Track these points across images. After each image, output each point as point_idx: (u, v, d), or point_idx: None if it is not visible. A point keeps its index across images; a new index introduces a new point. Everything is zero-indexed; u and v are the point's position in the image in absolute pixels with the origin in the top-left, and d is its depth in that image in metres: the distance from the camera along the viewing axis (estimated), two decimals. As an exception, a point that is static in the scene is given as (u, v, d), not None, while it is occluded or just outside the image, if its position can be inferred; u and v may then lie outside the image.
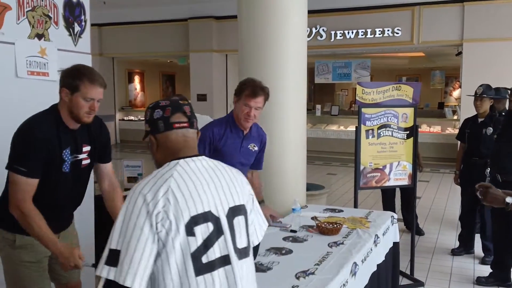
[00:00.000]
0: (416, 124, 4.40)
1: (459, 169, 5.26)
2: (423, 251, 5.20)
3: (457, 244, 5.25)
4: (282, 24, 4.00)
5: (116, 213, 2.26)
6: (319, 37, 11.88)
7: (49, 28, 3.53)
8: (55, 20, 3.59)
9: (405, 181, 4.44)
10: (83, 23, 3.90)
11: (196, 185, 1.49)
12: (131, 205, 1.44)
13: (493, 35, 10.09)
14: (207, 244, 1.46)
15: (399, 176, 4.40)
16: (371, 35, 11.44)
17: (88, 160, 2.58)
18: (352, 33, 11.61)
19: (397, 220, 3.69)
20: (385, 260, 3.33)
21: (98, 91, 2.39)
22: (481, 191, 2.51)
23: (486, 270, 4.53)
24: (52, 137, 2.37)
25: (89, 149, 2.57)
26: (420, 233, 5.74)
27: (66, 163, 2.45)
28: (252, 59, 4.10)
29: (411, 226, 4.75)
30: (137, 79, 17.31)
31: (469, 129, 5.06)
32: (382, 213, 3.83)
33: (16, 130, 2.38)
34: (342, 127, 13.02)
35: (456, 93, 17.73)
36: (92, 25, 4.11)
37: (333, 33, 11.80)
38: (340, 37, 11.78)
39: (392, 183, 4.42)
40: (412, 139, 4.39)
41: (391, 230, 3.55)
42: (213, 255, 1.47)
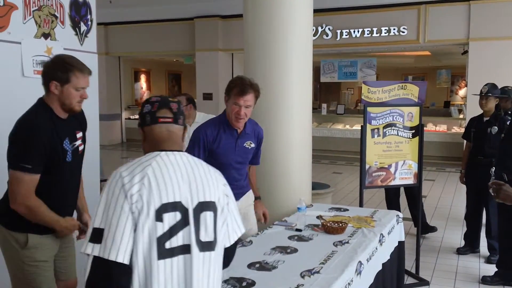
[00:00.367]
0: (421, 123, 4.40)
1: (464, 168, 5.25)
2: (429, 250, 5.19)
3: (463, 243, 5.24)
4: (287, 23, 4.00)
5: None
6: (325, 36, 11.86)
7: (55, 27, 3.55)
8: (61, 19, 3.61)
9: (410, 180, 4.44)
10: (89, 23, 3.92)
11: (171, 176, 1.60)
12: (112, 186, 1.56)
13: (499, 34, 10.04)
14: (172, 231, 1.57)
15: (405, 175, 4.40)
16: (377, 34, 11.41)
17: (82, 145, 2.65)
18: (358, 32, 11.58)
19: (405, 219, 3.68)
20: (390, 259, 3.33)
21: (87, 79, 2.49)
22: (494, 188, 2.57)
23: (491, 269, 4.52)
24: (51, 131, 2.41)
25: (81, 135, 2.65)
26: (432, 229, 5.72)
27: (68, 153, 2.50)
28: (257, 58, 4.10)
29: (418, 224, 4.75)
30: (143, 78, 17.35)
31: (475, 128, 5.05)
32: (387, 212, 3.83)
33: (13, 128, 2.40)
34: (347, 126, 13.00)
35: (462, 92, 17.65)
36: (98, 24, 4.13)
37: (339, 32, 11.77)
38: (346, 36, 11.75)
39: (397, 182, 4.42)
40: (417, 138, 4.38)
41: (396, 229, 3.55)
42: (175, 242, 1.57)
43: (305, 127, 4.22)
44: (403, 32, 11.15)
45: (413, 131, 4.37)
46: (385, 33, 11.32)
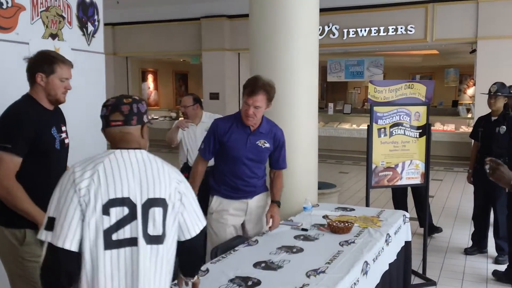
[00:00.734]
0: (429, 122, 4.38)
1: (472, 167, 5.21)
2: (436, 250, 5.17)
3: (470, 243, 5.21)
4: (293, 23, 3.99)
5: None
6: (331, 35, 11.83)
7: (62, 28, 3.58)
8: (69, 20, 3.64)
9: (417, 180, 4.42)
10: (96, 23, 3.95)
11: (121, 173, 1.70)
12: (65, 181, 1.69)
13: (508, 32, 9.96)
14: (119, 224, 1.68)
15: (412, 175, 4.38)
16: (384, 33, 11.37)
17: (67, 139, 2.72)
18: (365, 31, 11.55)
19: (412, 218, 3.66)
20: (397, 259, 3.32)
21: (70, 71, 2.62)
22: (490, 166, 2.42)
23: (499, 269, 4.49)
24: (38, 117, 2.51)
25: (65, 128, 2.72)
26: (437, 230, 5.70)
27: (56, 141, 2.58)
28: (262, 58, 4.09)
29: (425, 224, 4.73)
30: (150, 78, 17.42)
31: (483, 128, 5.01)
32: (394, 212, 3.82)
33: (1, 114, 2.48)
34: (354, 126, 12.97)
35: (470, 91, 17.54)
36: (106, 25, 4.15)
37: (345, 31, 11.74)
38: (352, 35, 11.72)
39: (404, 182, 4.40)
40: (424, 137, 4.36)
41: (403, 229, 3.53)
42: (122, 235, 1.68)
43: (311, 127, 4.21)
44: (411, 31, 11.10)
45: (420, 131, 4.35)
46: (392, 32, 11.27)
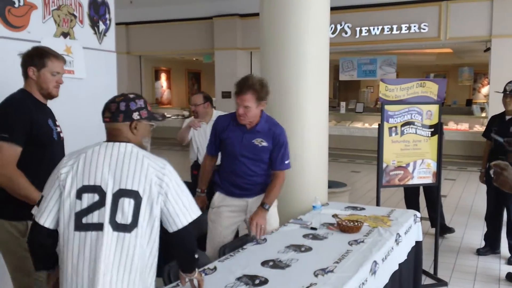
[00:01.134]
0: (440, 121, 4.33)
1: (485, 167, 5.15)
2: (448, 251, 5.12)
3: (483, 243, 5.15)
4: (304, 21, 3.97)
5: None
6: (343, 34, 11.78)
7: (74, 26, 3.60)
8: (80, 18, 3.67)
9: (429, 179, 4.38)
10: (108, 22, 3.97)
11: (98, 164, 1.89)
12: (56, 167, 1.96)
13: (523, 30, 9.86)
14: (89, 209, 1.86)
15: (423, 174, 4.34)
16: (397, 31, 11.28)
17: (62, 133, 2.74)
18: (377, 29, 11.48)
19: (424, 218, 3.62)
20: (407, 259, 3.30)
21: (62, 66, 2.67)
22: (495, 171, 2.36)
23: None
24: (35, 108, 2.56)
25: (58, 123, 2.74)
26: (450, 230, 5.65)
27: (53, 132, 2.62)
28: (273, 57, 4.08)
29: (436, 224, 4.68)
30: (163, 76, 17.50)
31: (496, 127, 4.95)
32: (404, 211, 3.78)
33: None
34: (366, 125, 12.89)
35: (484, 90, 17.35)
36: (119, 24, 4.18)
37: (358, 29, 11.68)
38: (365, 33, 11.65)
39: (415, 181, 4.36)
40: (436, 136, 4.32)
41: (413, 228, 3.51)
42: (91, 219, 1.86)
43: (321, 126, 4.19)
44: (424, 29, 11.01)
45: (432, 130, 4.31)
46: (405, 30, 11.19)
